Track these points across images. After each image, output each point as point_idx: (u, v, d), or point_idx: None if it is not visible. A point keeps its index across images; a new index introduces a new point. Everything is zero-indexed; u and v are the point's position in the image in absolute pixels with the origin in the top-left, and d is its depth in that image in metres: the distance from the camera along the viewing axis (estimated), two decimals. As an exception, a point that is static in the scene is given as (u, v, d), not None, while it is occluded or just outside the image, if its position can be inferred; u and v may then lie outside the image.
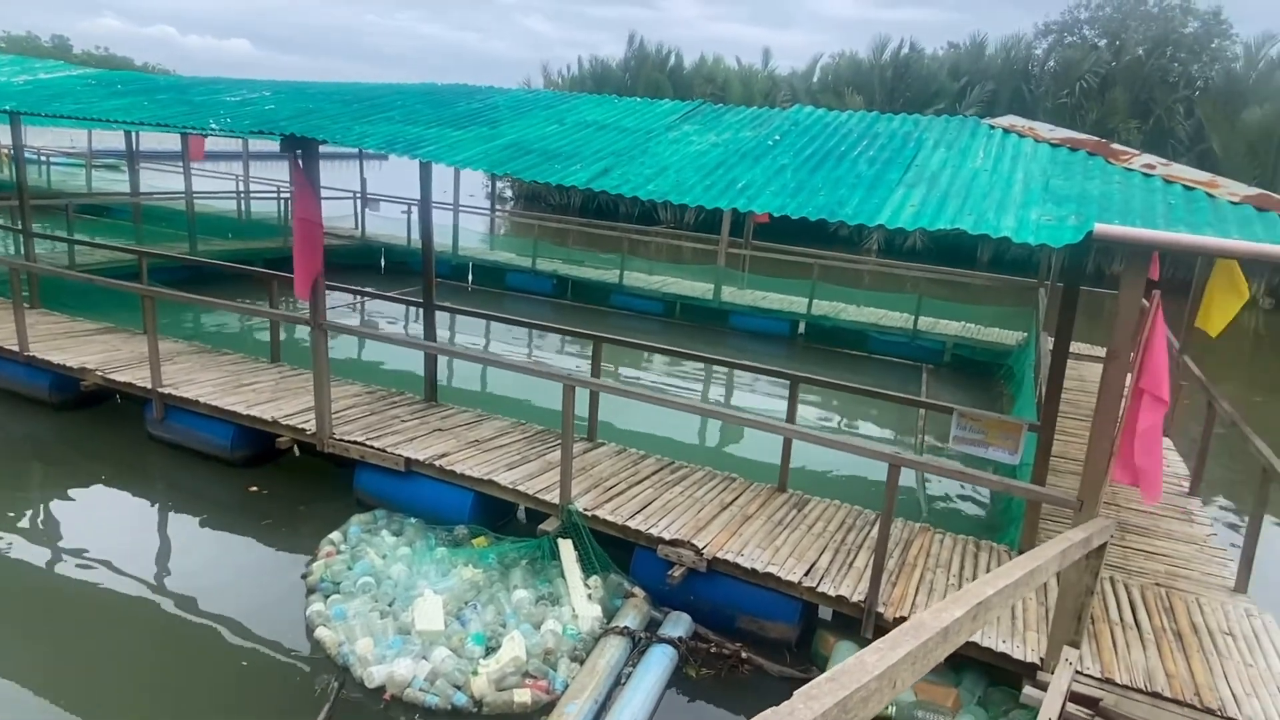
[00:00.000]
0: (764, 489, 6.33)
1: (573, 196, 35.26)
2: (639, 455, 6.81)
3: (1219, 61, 28.59)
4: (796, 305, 15.11)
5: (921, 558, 5.45)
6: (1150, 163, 4.64)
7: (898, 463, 4.62)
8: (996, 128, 5.43)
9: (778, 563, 5.18)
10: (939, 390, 12.57)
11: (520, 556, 5.67)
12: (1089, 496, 4.04)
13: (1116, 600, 5.12)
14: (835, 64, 35.23)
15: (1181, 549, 6.00)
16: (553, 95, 6.78)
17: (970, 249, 26.29)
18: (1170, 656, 4.50)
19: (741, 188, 4.58)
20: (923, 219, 4.04)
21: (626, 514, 5.68)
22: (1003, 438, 5.45)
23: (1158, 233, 3.66)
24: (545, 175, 4.88)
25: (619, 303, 16.25)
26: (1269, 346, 19.41)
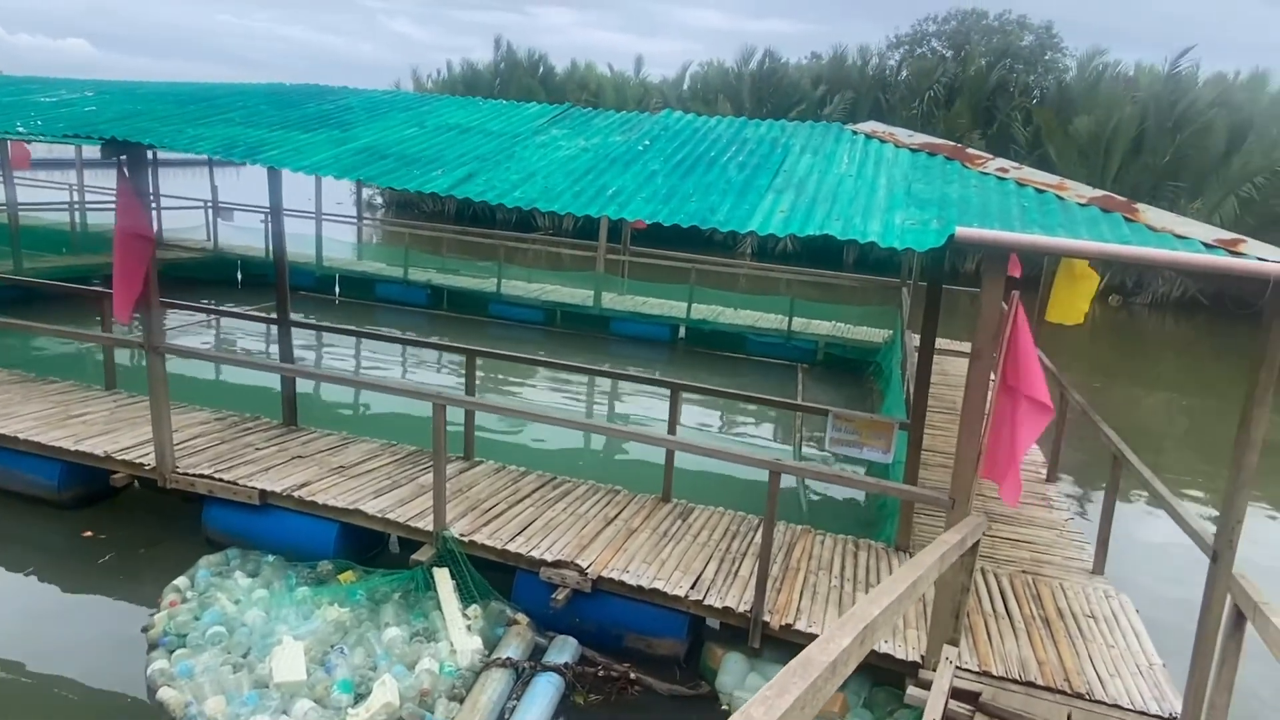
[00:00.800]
0: (648, 500, 6.20)
1: (447, 204, 34.39)
2: (519, 472, 6.55)
3: (1052, 73, 31.01)
4: (676, 310, 15.18)
5: (804, 561, 5.46)
6: (1004, 166, 4.80)
7: (778, 470, 4.59)
8: (859, 133, 5.52)
9: (664, 577, 5.05)
10: (814, 389, 12.90)
11: (392, 590, 5.30)
12: (960, 494, 4.11)
13: (988, 591, 5.29)
14: (705, 72, 35.95)
15: (1043, 535, 6.30)
16: (412, 97, 6.43)
17: (837, 251, 27.31)
18: (1040, 644, 4.66)
19: (612, 194, 4.43)
20: (793, 225, 4.00)
21: (506, 536, 5.41)
22: (875, 437, 5.53)
23: (1016, 235, 3.75)
24: (403, 181, 4.57)
25: (498, 312, 15.85)
26: (1103, 336, 21.08)
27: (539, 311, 15.62)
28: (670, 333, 15.07)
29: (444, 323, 15.57)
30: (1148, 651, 4.68)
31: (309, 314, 14.87)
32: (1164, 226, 3.94)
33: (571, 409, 11.35)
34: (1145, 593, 5.66)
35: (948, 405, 9.40)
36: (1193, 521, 4.23)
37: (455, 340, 11.83)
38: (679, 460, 6.35)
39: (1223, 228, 13.41)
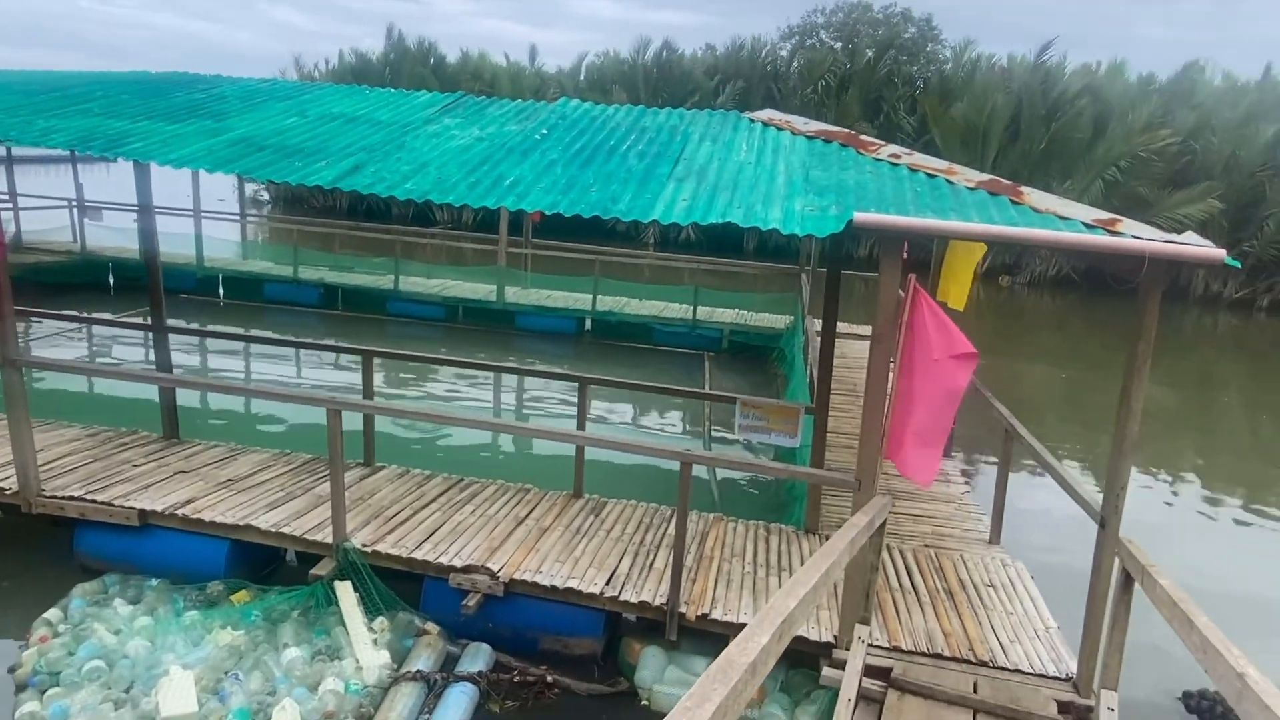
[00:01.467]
0: (560, 497, 6.09)
1: (338, 198, 33.08)
2: (424, 476, 6.31)
3: (933, 63, 32.32)
4: (581, 302, 15.04)
5: (717, 549, 5.47)
6: (896, 153, 4.90)
7: (689, 460, 4.56)
8: (756, 121, 5.54)
9: (578, 575, 4.96)
10: (721, 377, 13.03)
11: (291, 608, 5.01)
12: (866, 476, 4.18)
13: (894, 567, 5.43)
14: (601, 63, 35.77)
15: (942, 509, 6.53)
16: (292, 85, 6.08)
17: (737, 239, 27.73)
18: (945, 616, 4.81)
19: (510, 184, 4.28)
20: (696, 213, 3.96)
21: (412, 544, 5.20)
22: (783, 422, 5.59)
23: (911, 219, 3.82)
24: (283, 174, 4.29)
25: (397, 310, 15.33)
26: (987, 315, 22.18)
27: (440, 308, 15.20)
28: (576, 325, 14.94)
29: (339, 323, 14.96)
30: (1044, 616, 4.90)
31: (191, 318, 14.02)
32: (1047, 208, 4.09)
33: (479, 407, 11.09)
34: (1039, 559, 5.93)
35: (850, 388, 9.65)
36: (1080, 490, 4.44)
37: (352, 341, 11.35)
38: (590, 455, 6.27)
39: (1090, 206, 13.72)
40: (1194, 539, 8.11)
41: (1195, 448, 11.82)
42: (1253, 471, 10.91)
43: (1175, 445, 11.60)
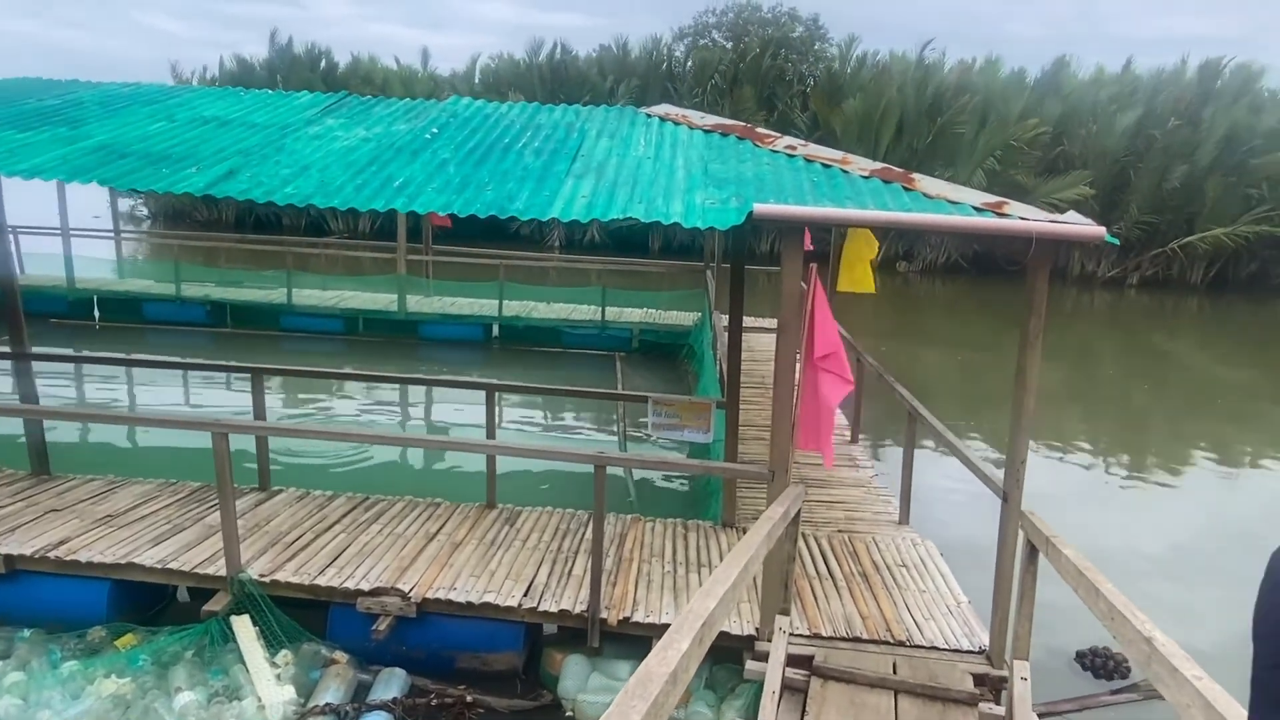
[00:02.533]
0: (473, 509, 5.89)
1: (225, 211, 31.51)
2: (326, 497, 6.00)
3: (822, 61, 33.25)
4: (487, 308, 14.74)
5: (636, 550, 5.40)
6: (791, 144, 4.94)
7: (602, 462, 4.47)
8: (653, 116, 5.50)
9: (494, 589, 4.79)
10: (633, 376, 13.00)
11: (183, 649, 4.66)
12: (779, 466, 4.18)
13: (810, 554, 5.48)
14: (495, 65, 35.29)
15: (853, 493, 6.65)
16: (158, 89, 5.67)
17: (643, 239, 27.84)
18: (862, 599, 4.88)
19: (400, 185, 4.09)
20: (596, 210, 3.87)
21: (315, 570, 4.92)
22: (695, 418, 5.57)
23: (810, 208, 3.84)
24: (148, 183, 3.97)
25: (291, 325, 14.64)
26: (884, 302, 22.95)
27: (338, 321, 14.62)
28: (483, 332, 14.63)
29: (230, 341, 14.19)
30: (955, 592, 5.04)
31: (64, 344, 13.01)
32: (938, 194, 4.19)
33: (386, 422, 10.69)
34: (947, 536, 6.11)
35: (759, 381, 9.76)
36: (982, 466, 4.57)
37: (243, 360, 10.75)
38: (503, 464, 6.09)
39: None
40: (1089, 505, 8.55)
41: (1082, 418, 12.52)
42: (1134, 437, 11.63)
43: (1063, 417, 12.25)
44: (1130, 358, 18.24)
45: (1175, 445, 11.47)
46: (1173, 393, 14.79)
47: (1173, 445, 11.48)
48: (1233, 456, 10.94)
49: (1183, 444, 11.45)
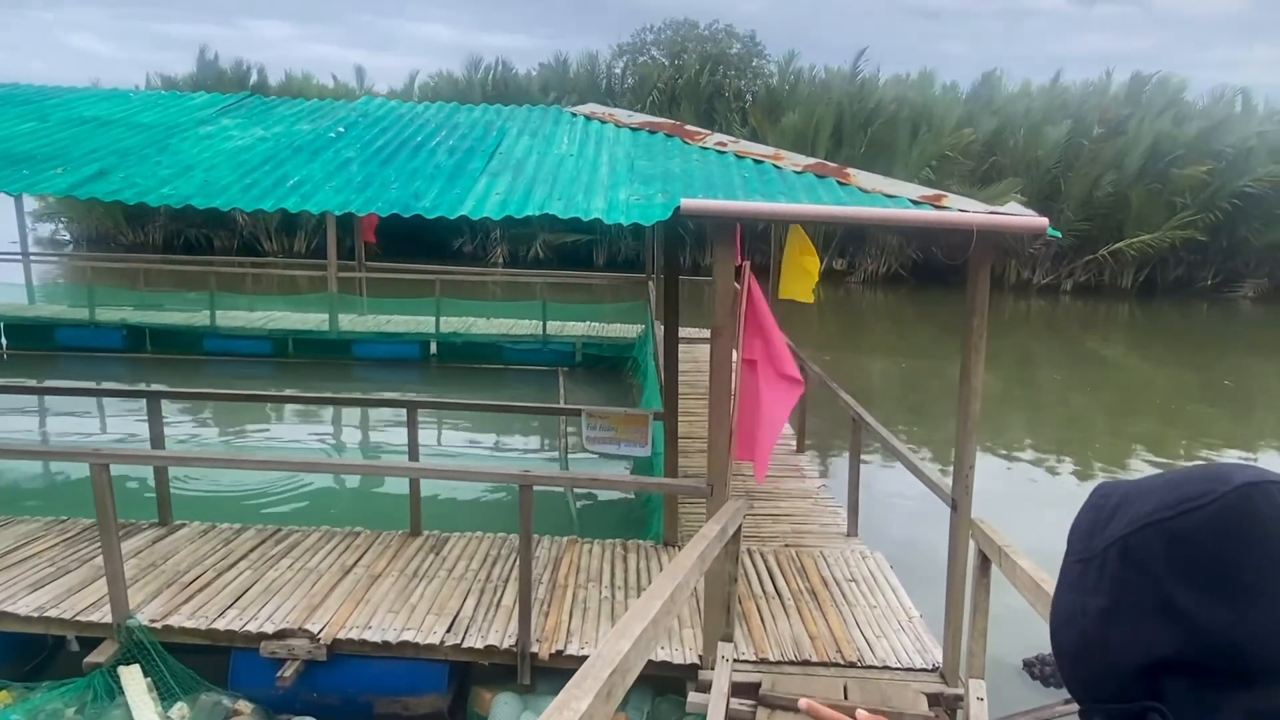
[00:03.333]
0: (395, 537, 5.48)
1: (152, 233, 30.21)
2: (234, 530, 5.52)
3: (760, 77, 33.57)
4: (424, 325, 14.24)
5: (572, 575, 5.05)
6: (722, 141, 4.71)
7: (528, 482, 4.12)
8: (579, 115, 5.22)
9: (415, 625, 4.40)
10: (577, 391, 12.65)
11: (65, 705, 4.16)
12: (717, 480, 3.90)
13: (756, 571, 5.21)
14: (434, 83, 34.76)
15: (800, 505, 6.41)
16: (36, 89, 5.18)
17: (587, 252, 27.56)
18: (811, 618, 4.62)
19: (294, 185, 3.72)
20: (510, 206, 3.56)
21: (214, 612, 4.46)
22: (632, 431, 5.27)
23: (741, 203, 3.59)
24: (3, 185, 3.53)
25: (215, 348, 13.93)
26: (826, 313, 23.07)
27: (266, 342, 13.96)
28: (420, 350, 14.13)
29: (147, 367, 13.44)
30: (906, 606, 4.81)
31: (-38, 374, 12.14)
32: (874, 187, 3.99)
33: (315, 446, 10.13)
34: (896, 548, 5.90)
35: (702, 391, 9.49)
36: (930, 474, 4.36)
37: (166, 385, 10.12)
38: (430, 487, 5.69)
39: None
40: (1031, 506, 8.47)
41: (1024, 423, 12.58)
42: (1076, 439, 11.70)
43: (1006, 422, 12.29)
44: (1068, 362, 18.55)
45: (1114, 444, 11.56)
46: (1109, 395, 15.02)
47: (1112, 445, 11.57)
48: (1170, 453, 11.07)
49: (1123, 442, 11.56)
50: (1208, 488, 0.66)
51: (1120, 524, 0.69)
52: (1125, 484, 0.73)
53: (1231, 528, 0.64)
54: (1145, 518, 0.67)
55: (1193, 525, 0.65)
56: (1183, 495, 0.66)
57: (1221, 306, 26.33)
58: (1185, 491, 0.66)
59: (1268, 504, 0.65)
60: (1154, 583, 0.66)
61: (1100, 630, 0.69)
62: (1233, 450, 11.24)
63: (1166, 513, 0.66)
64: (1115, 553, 0.68)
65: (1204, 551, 0.65)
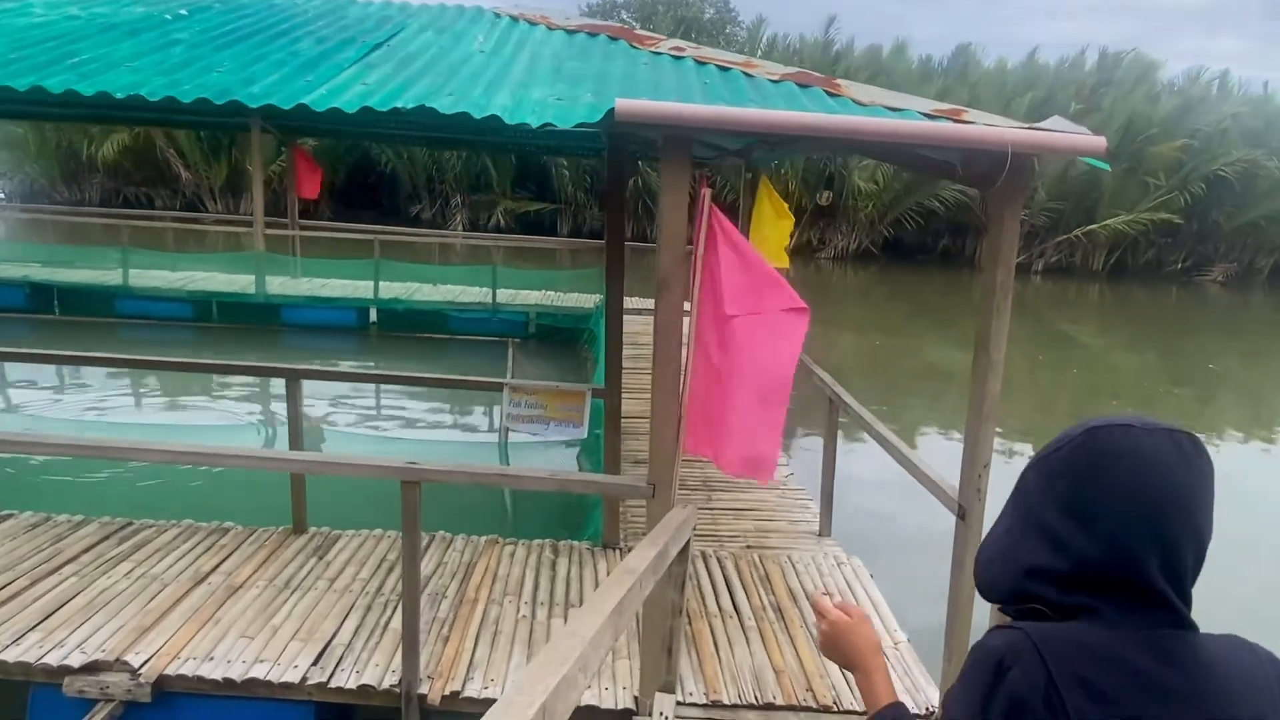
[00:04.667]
0: (272, 535, 4.49)
1: (89, 191, 28.27)
2: (72, 524, 4.48)
3: (733, 45, 32.46)
4: (363, 290, 13.10)
5: (485, 586, 4.11)
6: (679, 45, 3.73)
7: (412, 478, 3.16)
8: (504, 15, 4.20)
9: (272, 655, 3.43)
10: (527, 364, 11.67)
11: None
12: (660, 479, 2.98)
13: (711, 582, 4.32)
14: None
15: (765, 498, 5.53)
16: None
17: (552, 222, 26.39)
18: (775, 645, 3.74)
19: (77, 63, 2.69)
20: (373, 98, 2.56)
21: (9, 636, 3.44)
22: (564, 409, 4.32)
23: (695, 107, 2.63)
24: None
25: (129, 310, 12.66)
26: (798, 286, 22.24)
27: (186, 305, 12.72)
28: (358, 318, 12.99)
29: (53, 330, 12.17)
30: (890, 628, 3.95)
31: None
32: (872, 100, 3.05)
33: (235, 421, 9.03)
34: (874, 549, 5.07)
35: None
36: (928, 470, 3.49)
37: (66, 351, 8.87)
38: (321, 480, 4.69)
39: (884, 181, 13.82)
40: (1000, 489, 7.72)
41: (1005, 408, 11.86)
42: (1044, 421, 10.99)
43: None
44: (1038, 344, 17.96)
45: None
46: (1079, 377, 14.41)
47: None
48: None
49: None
50: (1067, 433, 0.96)
51: (1039, 463, 0.99)
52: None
53: (1082, 464, 0.93)
54: (1030, 461, 1.00)
55: (1056, 464, 0.96)
56: (1052, 441, 0.98)
57: (1190, 290, 26.05)
58: (1055, 438, 0.97)
59: (1108, 442, 0.93)
60: (1034, 510, 0.97)
61: (1002, 546, 1.00)
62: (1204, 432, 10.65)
63: (1041, 454, 0.99)
64: (1015, 488, 1.01)
65: (1065, 484, 0.94)
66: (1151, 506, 0.88)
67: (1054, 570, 0.92)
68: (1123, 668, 0.87)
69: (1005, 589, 0.98)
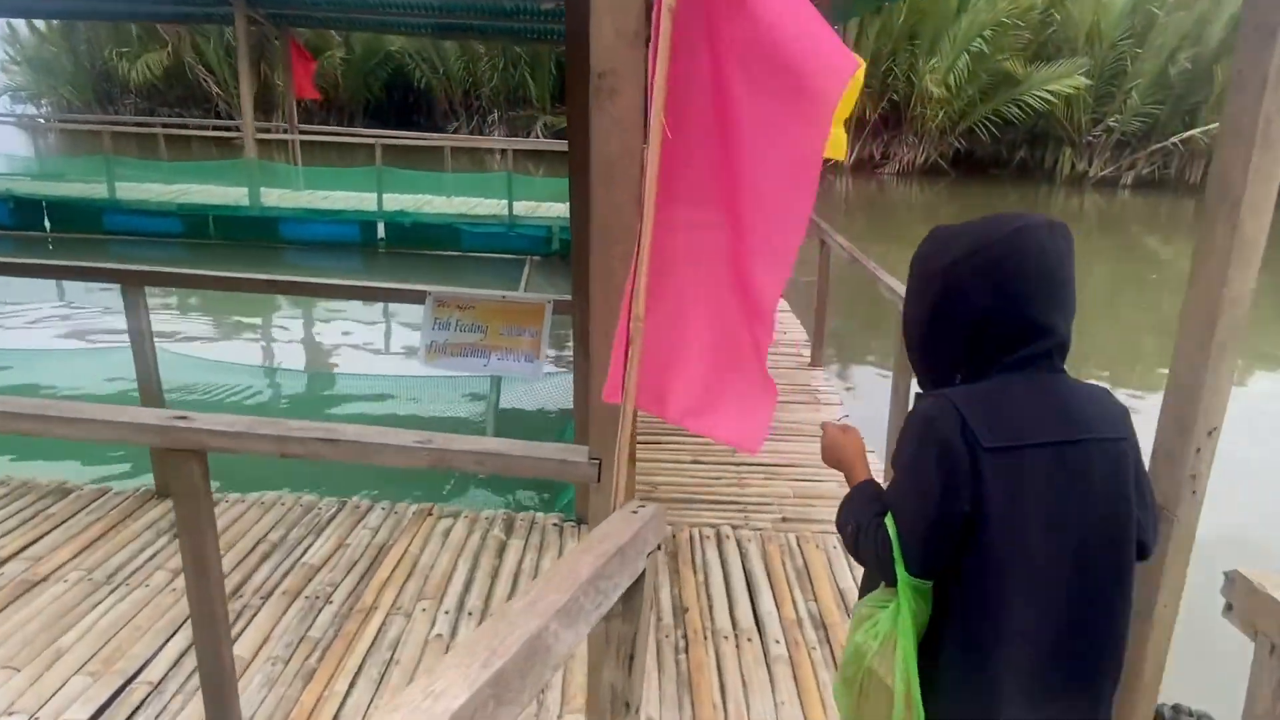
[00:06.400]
0: (127, 499, 3.30)
1: (123, 112, 27.29)
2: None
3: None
4: (369, 203, 11.84)
5: (395, 583, 2.86)
6: None
7: (179, 444, 1.84)
8: None
9: (47, 691, 2.25)
10: (544, 286, 10.35)
11: None
12: (606, 450, 1.65)
13: (725, 580, 2.99)
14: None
15: (809, 453, 4.15)
16: None
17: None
18: (814, 687, 2.41)
19: None
20: None
21: None
22: (512, 334, 2.97)
23: None
24: None
25: (117, 225, 11.66)
26: (856, 208, 20.34)
27: (176, 220, 11.65)
28: (362, 232, 11.78)
29: (38, 246, 11.27)
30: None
31: None
32: None
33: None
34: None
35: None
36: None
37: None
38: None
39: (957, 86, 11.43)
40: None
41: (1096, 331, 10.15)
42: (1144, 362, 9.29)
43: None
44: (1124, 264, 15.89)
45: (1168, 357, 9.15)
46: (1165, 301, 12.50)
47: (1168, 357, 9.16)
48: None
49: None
50: (1000, 231, 1.22)
51: (949, 255, 1.24)
52: (952, 227, 1.30)
53: (1012, 255, 1.19)
54: (963, 249, 1.22)
55: (992, 255, 1.20)
56: (984, 235, 1.22)
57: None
58: (986, 233, 1.22)
59: (1033, 238, 1.20)
60: (967, 294, 1.21)
61: (932, 327, 1.27)
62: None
63: (975, 246, 1.21)
64: (951, 274, 1.23)
65: (998, 271, 1.19)
66: (1048, 280, 1.20)
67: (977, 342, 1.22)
68: (1013, 402, 1.19)
69: (933, 364, 1.29)
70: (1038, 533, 1.16)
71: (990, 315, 1.19)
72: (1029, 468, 1.15)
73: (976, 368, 1.22)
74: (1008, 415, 1.17)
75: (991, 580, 1.15)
